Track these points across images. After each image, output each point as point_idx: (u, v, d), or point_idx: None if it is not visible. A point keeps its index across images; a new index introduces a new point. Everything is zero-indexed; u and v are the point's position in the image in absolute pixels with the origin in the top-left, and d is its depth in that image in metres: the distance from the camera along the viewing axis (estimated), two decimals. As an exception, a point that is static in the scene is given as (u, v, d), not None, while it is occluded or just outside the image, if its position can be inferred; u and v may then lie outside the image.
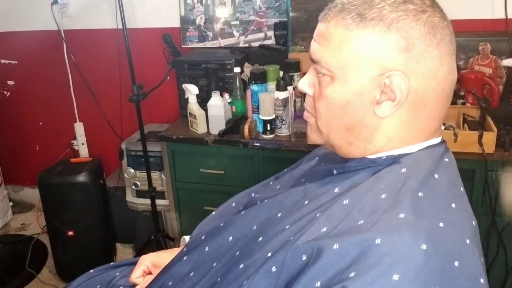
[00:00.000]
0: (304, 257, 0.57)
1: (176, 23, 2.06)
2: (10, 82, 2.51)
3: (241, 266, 0.67)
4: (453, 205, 0.59)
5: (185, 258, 0.83)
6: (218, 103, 1.67)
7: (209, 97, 1.69)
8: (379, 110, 0.61)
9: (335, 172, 0.69)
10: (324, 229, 0.58)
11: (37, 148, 2.63)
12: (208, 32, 2.03)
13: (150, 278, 0.90)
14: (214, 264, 0.75)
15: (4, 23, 2.37)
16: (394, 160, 0.64)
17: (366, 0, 0.60)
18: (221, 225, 0.81)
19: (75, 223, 2.01)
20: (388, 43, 0.58)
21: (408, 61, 0.58)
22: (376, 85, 0.60)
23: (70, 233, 2.01)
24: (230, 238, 0.77)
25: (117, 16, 1.83)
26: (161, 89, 1.90)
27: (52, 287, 2.08)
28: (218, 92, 1.69)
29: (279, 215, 0.71)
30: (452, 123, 1.57)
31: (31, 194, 2.73)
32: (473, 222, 0.62)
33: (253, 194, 0.95)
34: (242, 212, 0.80)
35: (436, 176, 0.61)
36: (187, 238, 1.00)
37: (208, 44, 2.05)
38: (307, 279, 0.54)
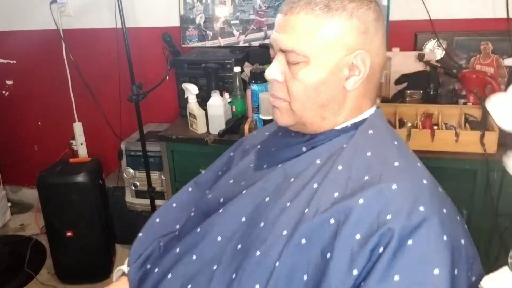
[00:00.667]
0: (332, 221, 0.64)
1: (176, 22, 2.06)
2: (9, 82, 2.50)
3: (258, 253, 0.68)
4: (409, 151, 0.76)
5: (169, 276, 0.79)
6: (218, 103, 1.66)
7: (209, 96, 1.68)
8: (348, 84, 0.72)
9: (304, 149, 0.77)
10: (336, 194, 0.67)
11: (36, 148, 2.62)
12: (208, 32, 2.03)
13: None
14: (214, 267, 0.74)
15: (2, 22, 2.36)
16: (358, 125, 0.75)
17: None
18: (198, 230, 0.79)
19: (74, 223, 2.00)
20: (352, 28, 0.69)
21: (366, 41, 0.71)
22: (345, 63, 0.71)
23: (69, 233, 2.00)
24: (219, 238, 0.76)
25: (116, 15, 1.82)
26: (160, 88, 1.89)
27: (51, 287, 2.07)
28: (218, 91, 1.68)
29: (267, 199, 0.75)
30: (454, 123, 1.57)
31: (30, 194, 2.72)
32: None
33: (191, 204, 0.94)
34: (220, 211, 0.79)
35: (389, 129, 0.78)
36: (124, 268, 0.93)
37: (208, 43, 2.04)
38: (344, 237, 0.62)
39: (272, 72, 0.74)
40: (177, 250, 0.81)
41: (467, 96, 1.65)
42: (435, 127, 1.54)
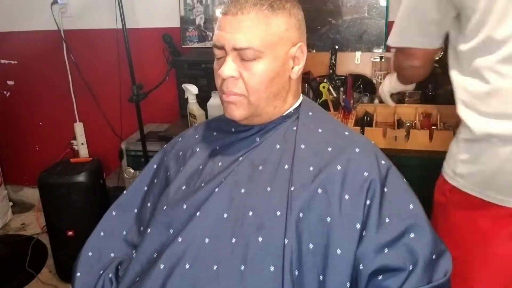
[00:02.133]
0: (319, 190, 0.75)
1: (176, 23, 2.06)
2: (10, 82, 2.51)
3: (260, 239, 0.73)
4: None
5: None
6: (218, 103, 1.66)
7: (209, 97, 1.69)
8: (293, 74, 0.83)
9: (258, 139, 0.84)
10: (311, 168, 0.77)
11: (37, 148, 2.63)
12: (208, 32, 2.03)
13: None
14: (215, 268, 0.73)
15: (4, 23, 2.37)
16: (297, 110, 0.86)
17: None
18: (180, 240, 0.76)
19: (75, 223, 2.00)
20: (292, 24, 0.80)
21: (301, 35, 0.82)
22: (290, 55, 0.81)
23: (70, 233, 2.00)
24: (207, 240, 0.75)
25: (117, 16, 1.83)
26: (161, 89, 1.89)
27: (52, 287, 2.08)
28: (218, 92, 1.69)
29: (243, 191, 0.79)
30: (452, 123, 1.57)
31: (31, 194, 2.73)
32: None
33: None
34: (198, 214, 0.78)
35: (321, 108, 0.91)
36: None
37: (208, 44, 2.05)
38: (336, 200, 0.74)
39: (229, 70, 0.78)
40: (161, 266, 0.76)
41: (465, 96, 1.65)
42: (434, 127, 1.54)
